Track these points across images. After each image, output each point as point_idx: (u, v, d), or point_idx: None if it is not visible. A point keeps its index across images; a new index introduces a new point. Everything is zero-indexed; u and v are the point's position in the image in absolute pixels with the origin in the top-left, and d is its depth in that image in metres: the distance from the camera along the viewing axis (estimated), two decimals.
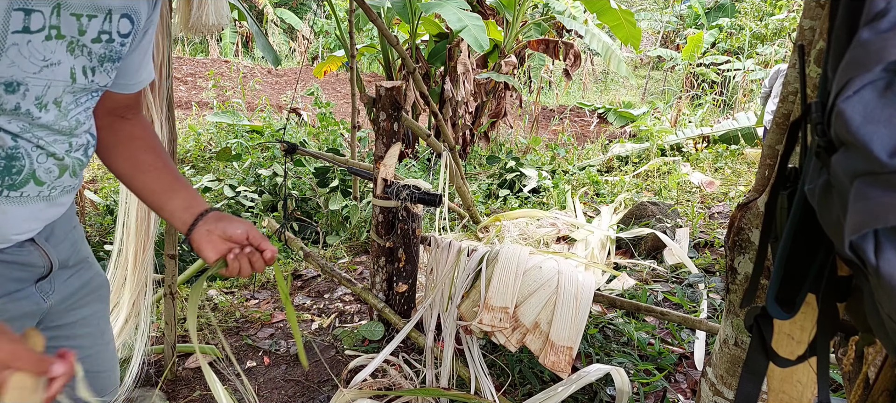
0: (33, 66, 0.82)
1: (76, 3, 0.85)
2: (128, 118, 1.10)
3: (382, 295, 2.38)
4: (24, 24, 0.79)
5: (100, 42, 0.91)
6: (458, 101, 5.62)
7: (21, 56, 0.80)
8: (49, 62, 0.84)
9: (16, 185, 0.89)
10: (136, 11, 0.95)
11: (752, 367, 0.82)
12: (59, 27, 0.84)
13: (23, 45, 0.80)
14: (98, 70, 0.92)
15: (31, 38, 0.80)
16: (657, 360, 2.18)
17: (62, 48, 0.86)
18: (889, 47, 0.48)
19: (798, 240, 0.71)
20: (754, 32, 9.11)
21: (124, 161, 1.09)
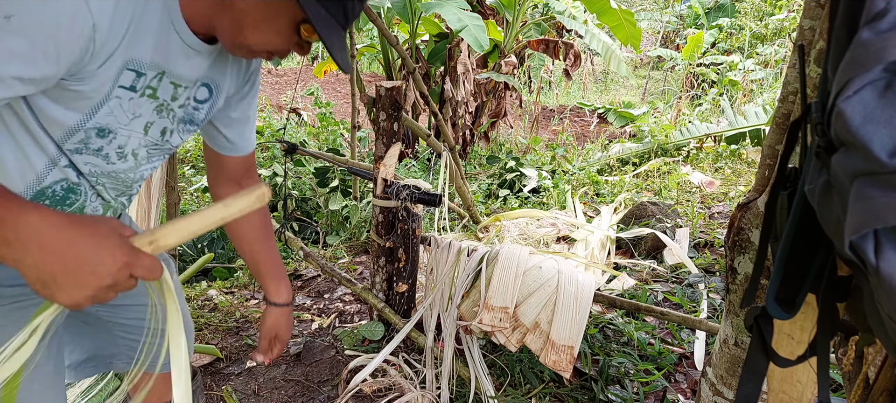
0: (125, 117, 0.91)
1: (177, 74, 0.95)
2: (242, 185, 1.25)
3: (382, 295, 2.38)
4: (132, 83, 0.87)
5: (184, 107, 1.01)
6: (458, 101, 5.62)
7: (120, 108, 0.88)
8: (136, 115, 0.93)
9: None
10: (217, 83, 1.05)
11: (752, 367, 0.82)
12: (156, 89, 0.93)
13: (125, 100, 0.88)
14: (175, 132, 1.03)
15: (133, 96, 0.89)
16: (657, 360, 2.18)
17: (151, 107, 0.94)
18: (889, 47, 0.48)
19: (798, 240, 0.71)
20: (754, 32, 9.11)
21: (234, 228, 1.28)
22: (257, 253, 1.31)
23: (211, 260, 3.38)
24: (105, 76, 0.83)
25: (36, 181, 0.91)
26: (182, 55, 0.92)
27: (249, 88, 1.16)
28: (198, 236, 0.96)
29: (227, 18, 0.88)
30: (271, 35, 0.89)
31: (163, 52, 0.89)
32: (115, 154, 0.95)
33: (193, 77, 0.98)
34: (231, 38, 0.90)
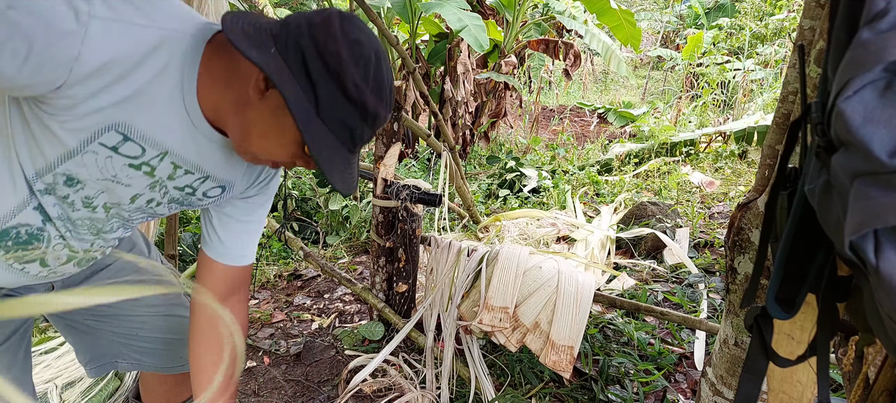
0: (99, 174, 0.86)
1: (181, 155, 0.91)
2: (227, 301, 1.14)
3: (382, 295, 2.38)
4: (114, 143, 0.83)
5: (181, 191, 0.97)
6: (458, 101, 5.62)
7: (94, 163, 0.84)
8: (117, 180, 0.89)
9: (23, 259, 0.94)
10: (232, 182, 1.02)
11: (752, 367, 0.82)
12: (155, 168, 0.90)
13: (101, 157, 0.84)
14: (163, 205, 0.99)
15: (113, 156, 0.84)
16: (657, 360, 2.18)
17: (144, 181, 0.91)
18: (889, 47, 0.48)
19: (798, 240, 0.71)
20: (754, 32, 9.11)
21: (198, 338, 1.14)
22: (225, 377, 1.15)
23: None
24: (82, 124, 0.78)
25: (1, 220, 0.88)
26: (189, 138, 0.89)
27: (257, 193, 1.10)
28: None
29: (237, 121, 0.87)
30: (276, 148, 0.88)
31: (166, 130, 0.86)
32: (82, 202, 0.92)
33: (198, 163, 0.94)
34: (238, 141, 0.89)
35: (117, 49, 0.74)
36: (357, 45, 0.80)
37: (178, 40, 0.81)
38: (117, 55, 0.74)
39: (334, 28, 0.79)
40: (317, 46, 0.79)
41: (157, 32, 0.78)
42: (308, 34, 0.79)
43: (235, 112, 0.86)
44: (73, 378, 2.04)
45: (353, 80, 0.80)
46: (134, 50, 0.76)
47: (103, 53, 0.73)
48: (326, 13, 0.81)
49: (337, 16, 0.81)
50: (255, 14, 0.86)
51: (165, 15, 0.80)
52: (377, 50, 0.84)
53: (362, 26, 0.84)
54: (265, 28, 0.82)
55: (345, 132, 0.84)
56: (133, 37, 0.76)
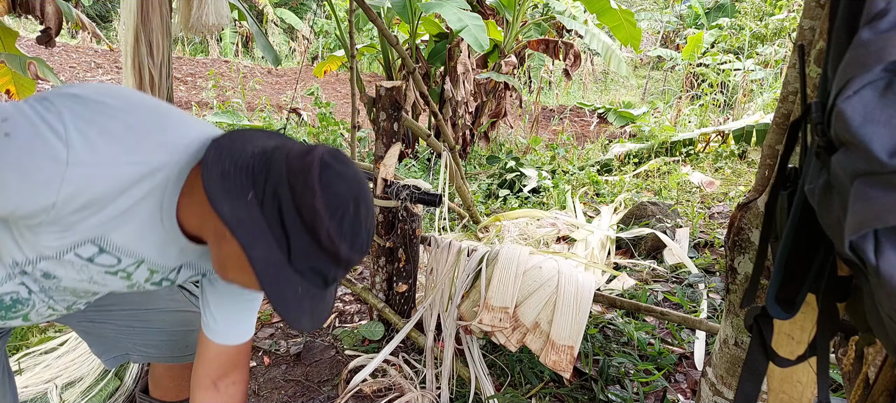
0: (75, 275, 0.90)
1: (158, 263, 0.95)
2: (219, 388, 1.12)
3: (382, 295, 2.38)
4: (90, 255, 0.87)
5: (159, 284, 1.01)
6: (458, 101, 5.62)
7: (71, 267, 0.88)
8: (93, 282, 0.93)
9: (5, 318, 0.98)
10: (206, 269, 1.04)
11: (752, 367, 0.82)
12: (131, 274, 0.93)
13: (78, 264, 0.88)
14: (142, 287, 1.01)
15: (89, 265, 0.88)
16: (657, 360, 2.18)
17: (121, 283, 0.95)
18: (889, 47, 0.48)
19: (798, 240, 0.71)
20: (754, 32, 9.11)
21: None
22: None
23: None
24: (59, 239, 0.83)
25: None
26: (166, 248, 0.92)
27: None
28: None
29: (215, 251, 0.89)
30: (250, 283, 0.88)
31: (144, 242, 0.89)
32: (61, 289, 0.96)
33: (175, 264, 0.98)
34: (216, 267, 0.91)
35: (96, 190, 0.78)
36: (335, 197, 0.80)
37: (161, 171, 0.84)
38: (96, 196, 0.78)
39: (312, 179, 0.79)
40: (294, 197, 0.79)
41: (140, 168, 0.81)
42: (287, 182, 0.79)
43: (214, 241, 0.89)
44: (73, 378, 2.04)
45: (326, 232, 0.80)
46: (114, 187, 0.79)
47: (81, 196, 0.77)
48: (309, 159, 0.81)
49: (318, 162, 0.81)
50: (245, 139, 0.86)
51: (153, 148, 0.83)
52: (357, 196, 0.84)
53: (344, 170, 0.83)
54: (247, 167, 0.82)
55: (317, 277, 0.84)
56: (114, 176, 0.79)
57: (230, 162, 0.81)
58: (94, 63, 9.25)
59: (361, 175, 0.86)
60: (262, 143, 0.85)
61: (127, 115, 0.81)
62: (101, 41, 5.29)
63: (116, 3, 13.55)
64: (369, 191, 0.87)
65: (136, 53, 1.96)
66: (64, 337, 2.26)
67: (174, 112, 0.90)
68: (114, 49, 8.53)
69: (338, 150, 0.85)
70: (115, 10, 13.66)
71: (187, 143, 0.87)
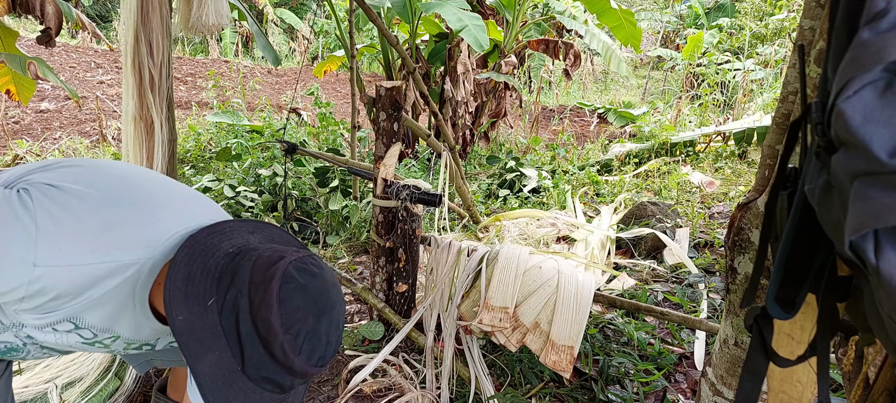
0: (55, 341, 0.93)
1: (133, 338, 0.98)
2: None
3: (382, 295, 2.38)
4: (68, 329, 0.90)
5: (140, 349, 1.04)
6: (458, 101, 5.62)
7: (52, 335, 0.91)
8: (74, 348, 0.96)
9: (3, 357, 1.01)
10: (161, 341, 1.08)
11: (752, 367, 0.82)
12: (108, 345, 0.96)
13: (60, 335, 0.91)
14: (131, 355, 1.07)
15: (69, 335, 0.91)
16: (657, 360, 2.18)
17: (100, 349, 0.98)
18: (889, 47, 0.48)
19: (798, 240, 0.71)
20: (754, 32, 9.11)
21: None
22: None
23: None
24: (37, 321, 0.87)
25: None
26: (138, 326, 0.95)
27: None
28: None
29: None
30: None
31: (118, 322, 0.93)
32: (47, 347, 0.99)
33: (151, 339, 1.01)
34: None
35: (64, 287, 0.81)
36: (292, 313, 0.81)
37: (133, 266, 0.86)
38: (65, 291, 0.82)
39: (270, 293, 0.79)
40: (251, 309, 0.80)
41: (109, 266, 0.84)
42: (247, 293, 0.80)
43: None
44: (73, 378, 2.04)
45: (281, 346, 0.80)
46: (82, 284, 0.83)
47: (50, 292, 0.81)
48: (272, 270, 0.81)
49: (280, 275, 0.81)
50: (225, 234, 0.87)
51: (127, 246, 0.85)
52: (320, 310, 0.83)
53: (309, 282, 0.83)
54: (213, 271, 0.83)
55: (272, 386, 0.85)
56: (82, 274, 0.82)
57: (199, 263, 0.83)
58: (94, 63, 9.25)
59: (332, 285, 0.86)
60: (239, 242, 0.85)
61: (107, 210, 0.84)
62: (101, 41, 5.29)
63: (116, 3, 13.55)
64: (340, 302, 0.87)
65: (136, 53, 1.96)
66: None
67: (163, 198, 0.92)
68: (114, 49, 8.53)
69: (309, 258, 0.84)
70: (115, 10, 13.66)
71: (165, 240, 0.88)
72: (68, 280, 0.81)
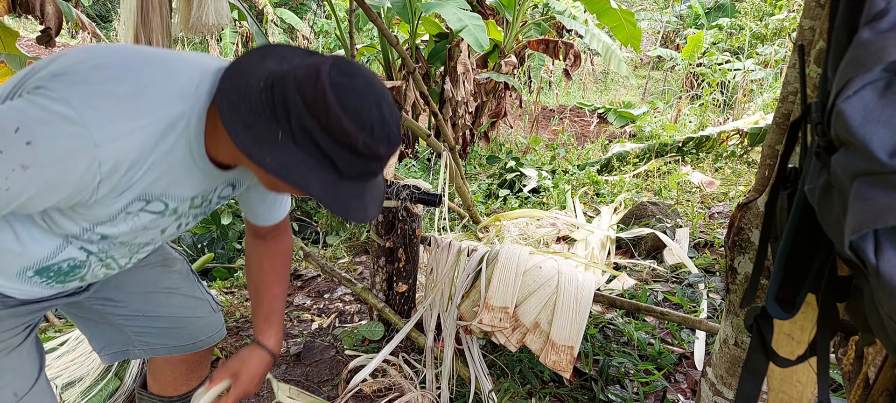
0: (129, 228, 0.96)
1: (198, 194, 1.01)
2: (266, 240, 1.31)
3: (382, 295, 2.38)
4: (140, 209, 0.93)
5: (200, 208, 1.06)
6: (458, 101, 5.62)
7: (125, 223, 0.94)
8: (146, 227, 0.98)
9: (64, 281, 1.04)
10: (239, 181, 1.10)
11: (752, 367, 0.82)
12: (177, 210, 1.00)
13: (130, 218, 0.93)
14: (191, 221, 1.09)
15: (140, 215, 0.94)
16: (657, 360, 2.18)
17: (170, 220, 1.01)
18: (889, 47, 0.48)
19: (798, 240, 0.71)
20: (754, 32, 9.11)
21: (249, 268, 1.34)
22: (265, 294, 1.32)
23: (211, 259, 3.38)
24: (113, 206, 0.88)
25: (45, 259, 0.97)
26: (202, 181, 0.99)
27: None
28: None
29: (262, 176, 0.96)
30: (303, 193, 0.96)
31: (183, 184, 0.95)
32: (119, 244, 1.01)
33: (211, 188, 1.03)
34: (266, 185, 0.99)
35: (131, 156, 0.82)
36: (357, 113, 0.84)
37: (181, 120, 0.87)
38: (132, 160, 0.83)
39: (332, 105, 0.82)
40: (321, 126, 0.83)
41: (161, 124, 0.84)
42: (309, 115, 0.82)
43: (257, 170, 0.95)
44: (73, 378, 2.04)
45: (363, 143, 0.85)
46: (144, 148, 0.84)
47: (121, 166, 0.82)
48: (320, 86, 0.82)
49: (330, 88, 0.82)
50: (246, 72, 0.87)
51: (166, 101, 0.86)
52: (378, 98, 0.87)
53: (354, 83, 0.85)
54: (264, 109, 0.84)
55: (367, 175, 0.92)
56: (140, 139, 0.83)
57: (245, 109, 0.84)
58: None
59: (370, 73, 0.89)
60: (262, 74, 0.86)
61: (129, 75, 0.84)
62: (101, 41, 5.29)
63: (116, 3, 13.54)
64: (381, 84, 0.91)
65: None
66: (64, 337, 2.26)
67: (171, 56, 0.92)
68: None
69: (341, 62, 0.87)
70: (115, 10, 13.66)
71: (196, 86, 0.89)
72: (131, 147, 0.81)
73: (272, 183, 0.96)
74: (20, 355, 1.11)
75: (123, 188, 0.85)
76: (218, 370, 1.24)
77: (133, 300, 1.28)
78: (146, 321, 1.30)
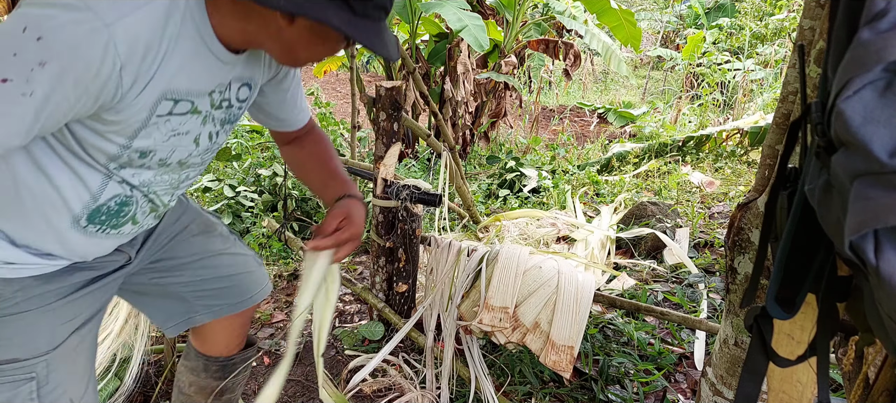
0: (163, 137, 0.96)
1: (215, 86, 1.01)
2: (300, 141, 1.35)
3: (382, 295, 2.38)
4: (170, 110, 0.93)
5: (221, 108, 1.06)
6: (458, 101, 5.62)
7: (158, 131, 0.95)
8: (177, 132, 0.99)
9: (118, 225, 1.06)
10: (253, 79, 1.10)
11: (752, 367, 0.82)
12: (199, 107, 0.99)
13: (161, 125, 0.94)
14: (221, 132, 1.10)
15: (170, 119, 0.95)
16: (657, 360, 2.18)
17: (197, 122, 1.01)
18: (889, 47, 0.48)
19: (798, 240, 0.71)
20: (754, 32, 9.10)
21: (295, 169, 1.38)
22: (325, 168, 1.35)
23: None
24: (141, 105, 0.88)
25: (91, 200, 0.98)
26: (217, 70, 0.98)
27: (285, 72, 1.20)
28: None
29: (276, 45, 0.96)
30: (321, 52, 0.99)
31: (200, 75, 0.95)
32: (159, 165, 1.02)
33: (228, 80, 1.03)
34: (282, 56, 1.00)
35: (143, 36, 0.83)
36: None
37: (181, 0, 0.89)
38: (146, 40, 0.83)
39: None
40: None
41: (162, 3, 0.85)
42: None
43: (270, 37, 0.94)
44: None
45: None
46: (154, 26, 0.84)
47: (137, 45, 0.82)
48: None
49: None
50: None
51: None
52: None
53: None
54: None
55: (379, 11, 0.93)
56: (147, 16, 0.83)
57: None
58: None
59: None
60: None
61: None
62: None
63: None
64: None
65: None
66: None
67: None
68: None
69: None
70: None
71: None
72: (142, 26, 0.83)
73: (288, 47, 0.96)
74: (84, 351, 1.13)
75: (147, 78, 0.85)
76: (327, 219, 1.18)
77: (186, 269, 1.32)
78: (204, 284, 1.35)
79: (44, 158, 0.91)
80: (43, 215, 0.96)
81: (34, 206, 0.94)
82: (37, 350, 1.03)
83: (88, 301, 1.12)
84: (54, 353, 1.06)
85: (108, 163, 0.95)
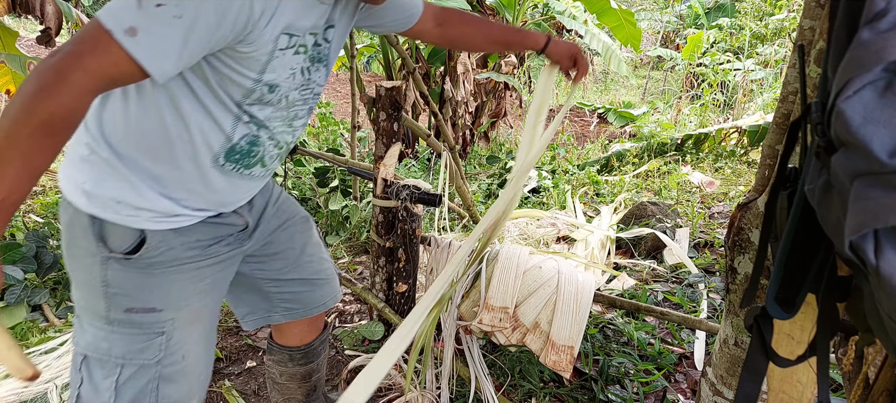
0: (285, 72, 1.07)
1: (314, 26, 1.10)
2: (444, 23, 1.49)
3: (382, 295, 2.38)
4: (287, 44, 1.03)
5: (319, 46, 1.14)
6: (458, 101, 5.62)
7: (281, 65, 1.05)
8: (291, 67, 1.08)
9: (249, 166, 1.17)
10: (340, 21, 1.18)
11: (752, 367, 0.82)
12: (307, 48, 1.10)
13: (281, 58, 1.04)
14: (312, 70, 1.17)
15: (287, 53, 1.05)
16: (657, 360, 2.18)
17: (301, 59, 1.10)
18: (889, 47, 0.48)
19: (798, 240, 0.71)
20: (754, 32, 9.10)
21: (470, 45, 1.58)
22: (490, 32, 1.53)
23: None
24: (267, 37, 0.98)
25: (226, 140, 1.08)
26: (317, 10, 1.07)
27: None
28: None
29: None
30: None
31: (307, 14, 1.05)
32: (282, 100, 1.12)
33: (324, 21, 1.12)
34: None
35: None
36: None
37: None
38: None
39: None
40: None
41: None
42: None
43: None
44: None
45: None
46: None
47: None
48: None
49: None
50: None
51: None
52: None
53: None
54: None
55: None
56: None
57: None
58: None
59: None
60: None
61: None
62: None
63: None
64: None
65: None
66: (64, 337, 2.26)
67: None
68: None
69: None
70: None
71: None
72: None
73: None
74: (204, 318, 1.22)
75: (271, 11, 0.95)
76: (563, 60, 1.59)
77: (281, 261, 1.41)
78: (290, 285, 1.45)
79: (185, 104, 1.01)
80: (189, 155, 1.06)
81: (181, 148, 1.05)
82: (171, 303, 1.13)
83: (213, 269, 1.21)
84: (181, 314, 1.15)
85: (243, 99, 1.04)
